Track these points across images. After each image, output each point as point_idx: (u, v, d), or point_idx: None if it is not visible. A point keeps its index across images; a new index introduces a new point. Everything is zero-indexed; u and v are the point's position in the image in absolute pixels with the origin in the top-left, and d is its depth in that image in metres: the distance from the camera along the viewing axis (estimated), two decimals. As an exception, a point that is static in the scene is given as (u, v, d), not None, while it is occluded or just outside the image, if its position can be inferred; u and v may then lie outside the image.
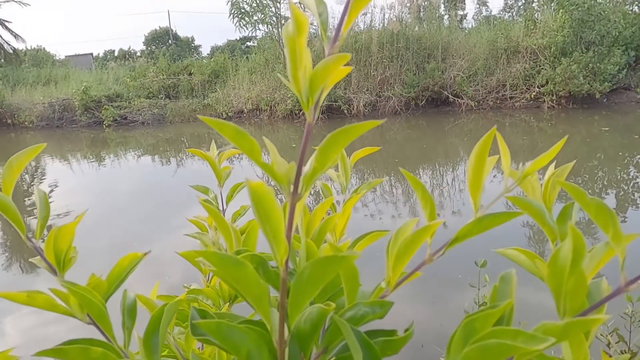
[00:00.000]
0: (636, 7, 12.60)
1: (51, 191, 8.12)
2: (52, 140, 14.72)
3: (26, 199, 7.80)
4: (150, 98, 15.97)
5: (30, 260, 0.42)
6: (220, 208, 0.74)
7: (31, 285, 4.26)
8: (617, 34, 11.24)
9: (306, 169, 0.32)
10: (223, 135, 0.33)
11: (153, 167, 9.81)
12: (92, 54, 34.47)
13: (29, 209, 7.08)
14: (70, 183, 8.91)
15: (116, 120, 15.22)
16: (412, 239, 0.36)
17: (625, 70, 11.32)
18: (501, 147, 0.42)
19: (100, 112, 15.38)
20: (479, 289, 2.80)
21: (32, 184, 9.17)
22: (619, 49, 11.13)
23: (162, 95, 16.16)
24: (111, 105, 15.45)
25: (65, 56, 31.45)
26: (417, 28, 13.94)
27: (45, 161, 11.67)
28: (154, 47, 38.73)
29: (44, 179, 9.63)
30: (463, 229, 0.36)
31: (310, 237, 0.39)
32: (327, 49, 0.33)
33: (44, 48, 30.48)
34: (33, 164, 11.50)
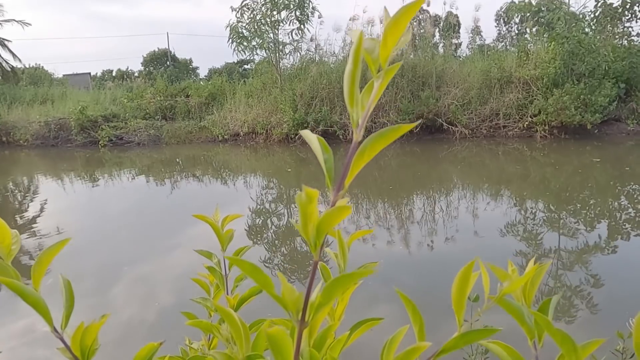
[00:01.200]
0: (625, 41, 12.92)
1: (43, 210, 8.09)
2: (47, 159, 14.69)
3: (17, 216, 7.75)
4: (147, 119, 16.04)
5: (56, 348, 0.45)
6: (223, 273, 0.77)
7: (16, 302, 4.22)
8: (607, 67, 11.50)
9: (312, 298, 0.36)
10: (242, 270, 0.37)
11: (147, 188, 9.81)
12: (90, 73, 34.71)
13: (19, 224, 7.05)
14: (63, 202, 8.88)
15: (112, 140, 15.25)
16: (404, 356, 0.40)
17: (616, 102, 11.54)
18: (483, 274, 0.47)
19: (97, 132, 15.41)
20: (471, 324, 2.81)
21: (23, 201, 9.12)
22: (609, 81, 11.37)
23: (158, 117, 16.26)
24: (107, 125, 15.50)
25: (63, 75, 31.64)
26: (412, 56, 14.20)
27: (39, 179, 11.64)
28: (152, 67, 39.08)
29: (36, 196, 9.59)
30: (449, 343, 0.40)
31: (312, 341, 0.42)
32: (332, 196, 0.37)
33: (42, 66, 30.70)
34: (26, 182, 11.46)
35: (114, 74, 40.00)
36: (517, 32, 25.78)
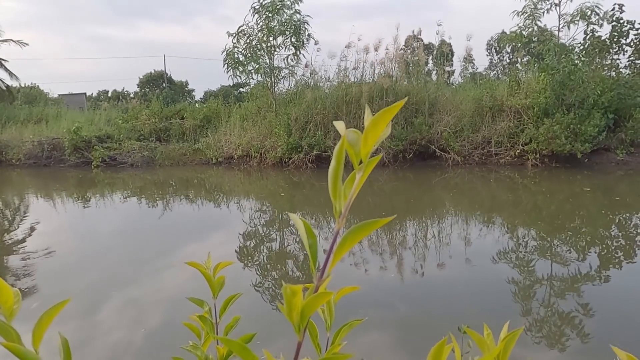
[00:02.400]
0: (613, 73, 13.22)
1: (33, 229, 8.01)
2: (39, 178, 14.62)
3: (6, 235, 7.67)
4: (141, 140, 16.08)
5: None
6: (214, 320, 0.77)
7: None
8: (595, 98, 11.73)
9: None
10: (230, 349, 0.39)
11: (139, 209, 9.76)
12: (85, 93, 34.86)
13: (7, 243, 6.98)
14: (54, 222, 8.80)
15: (105, 161, 15.25)
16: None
17: (605, 132, 11.74)
18: (455, 348, 0.51)
19: (90, 152, 15.41)
20: (462, 355, 2.80)
21: (13, 220, 9.03)
22: (598, 112, 11.58)
23: (153, 138, 16.30)
24: (101, 146, 15.51)
25: (59, 95, 31.74)
26: (405, 82, 14.44)
27: (30, 199, 11.55)
28: (147, 89, 39.28)
29: (27, 216, 9.51)
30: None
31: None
32: (316, 281, 0.40)
33: (37, 86, 30.75)
34: (16, 201, 11.36)
35: (109, 94, 40.15)
36: (508, 61, 26.31)
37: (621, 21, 12.90)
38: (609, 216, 7.77)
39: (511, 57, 21.30)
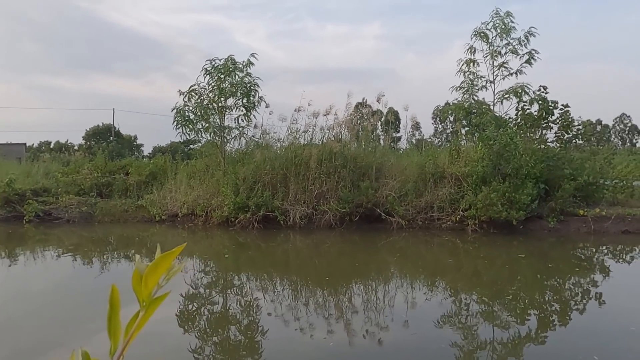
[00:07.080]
0: (543, 146, 14.24)
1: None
2: (-39, 233, 13.53)
3: None
4: (81, 195, 15.38)
5: None
6: None
7: None
8: (528, 168, 12.54)
9: None
10: None
11: (72, 268, 9.18)
12: (25, 144, 33.39)
13: None
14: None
15: (39, 216, 14.38)
16: None
17: (537, 201, 12.44)
18: None
19: (23, 206, 14.52)
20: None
21: None
22: (530, 181, 12.33)
23: (94, 193, 15.62)
24: (36, 200, 14.68)
25: (-5, 144, 30.17)
26: (355, 145, 14.90)
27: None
28: (94, 142, 38.25)
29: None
30: None
31: None
32: None
33: (-29, 135, 29.24)
34: None
35: (52, 145, 38.67)
36: (451, 129, 27.90)
37: (546, 101, 14.12)
38: (544, 282, 8.10)
39: (453, 126, 22.68)
